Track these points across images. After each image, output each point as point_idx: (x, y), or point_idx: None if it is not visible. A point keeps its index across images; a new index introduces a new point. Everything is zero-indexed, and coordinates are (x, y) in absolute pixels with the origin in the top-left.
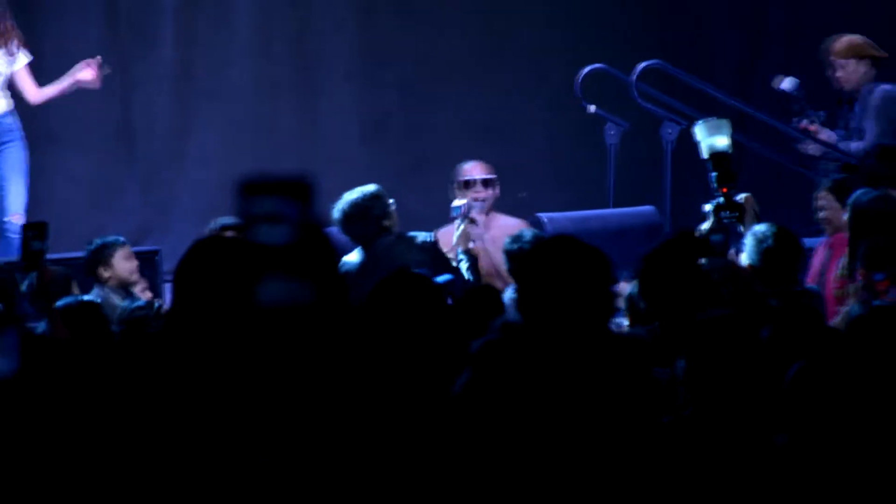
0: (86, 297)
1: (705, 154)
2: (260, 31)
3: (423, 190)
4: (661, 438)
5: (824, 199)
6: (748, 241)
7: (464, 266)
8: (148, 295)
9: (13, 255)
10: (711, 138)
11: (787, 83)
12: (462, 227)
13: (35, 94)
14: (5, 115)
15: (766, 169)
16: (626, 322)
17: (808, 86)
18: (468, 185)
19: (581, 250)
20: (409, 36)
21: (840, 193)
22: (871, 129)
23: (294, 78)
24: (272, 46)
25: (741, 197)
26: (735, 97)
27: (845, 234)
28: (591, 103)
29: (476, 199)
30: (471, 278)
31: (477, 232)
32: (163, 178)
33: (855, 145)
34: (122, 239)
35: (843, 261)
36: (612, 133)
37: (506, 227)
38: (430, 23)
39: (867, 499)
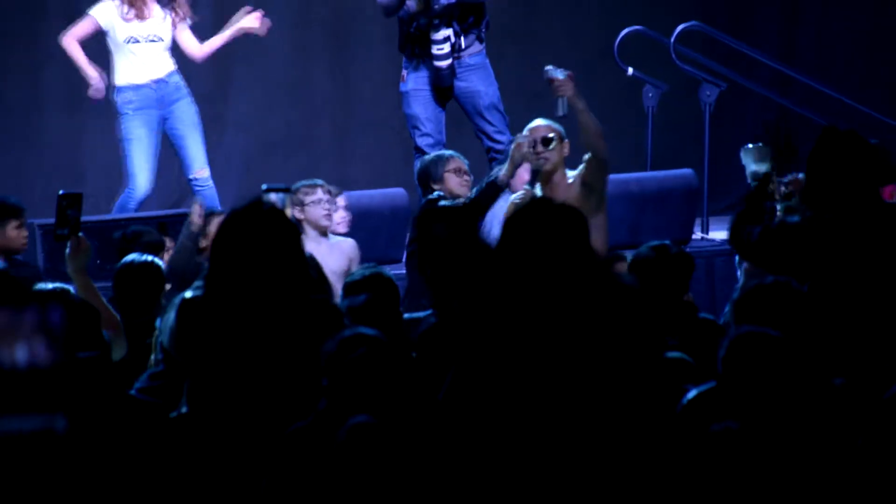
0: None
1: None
2: None
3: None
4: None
5: None
6: None
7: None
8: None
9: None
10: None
11: None
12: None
13: (199, 50)
14: (171, 74)
15: (808, 131)
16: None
17: (853, 59)
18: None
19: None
20: None
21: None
22: None
23: (330, 41)
24: (308, 9)
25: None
26: (775, 59)
27: None
28: (629, 66)
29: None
30: None
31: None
32: None
33: None
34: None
35: None
36: (650, 95)
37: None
38: None
39: None
